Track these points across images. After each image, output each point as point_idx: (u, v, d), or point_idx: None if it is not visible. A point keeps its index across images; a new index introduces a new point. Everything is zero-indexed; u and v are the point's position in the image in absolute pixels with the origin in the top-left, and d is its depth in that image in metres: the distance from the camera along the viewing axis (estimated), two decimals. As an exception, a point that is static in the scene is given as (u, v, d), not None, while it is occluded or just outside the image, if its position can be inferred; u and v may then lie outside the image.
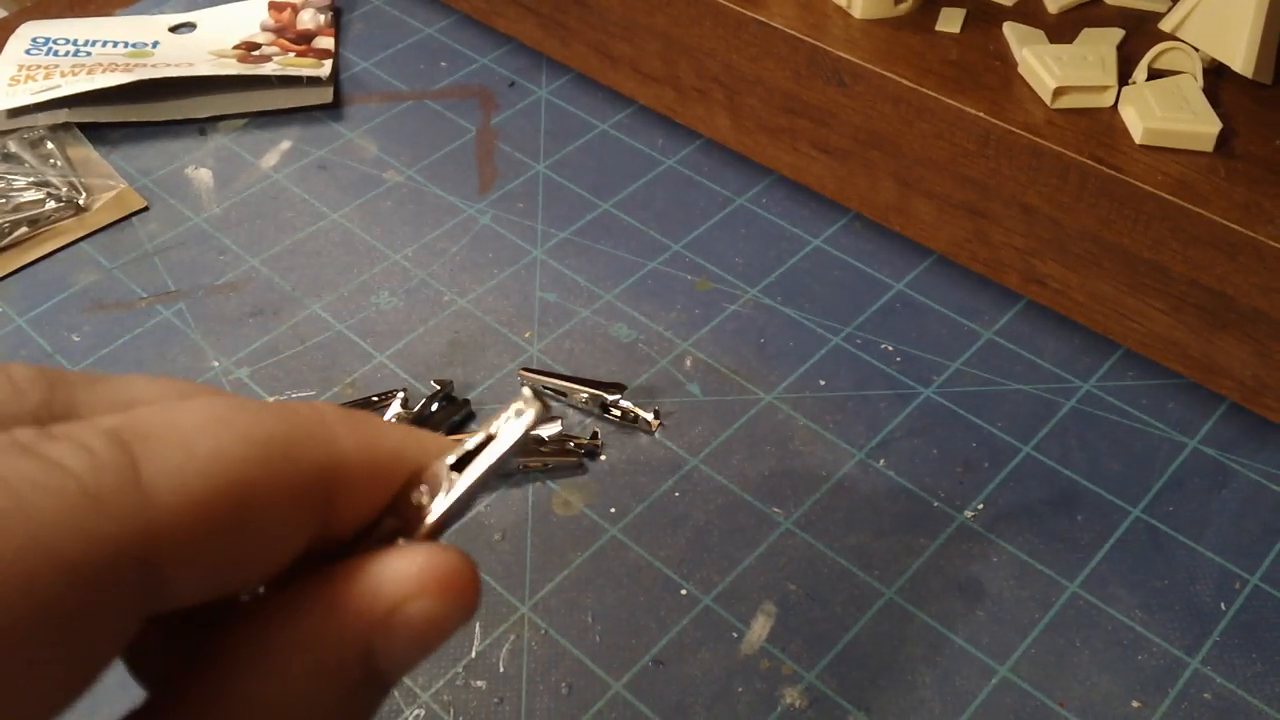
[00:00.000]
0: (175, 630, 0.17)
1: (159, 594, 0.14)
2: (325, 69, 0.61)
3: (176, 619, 0.16)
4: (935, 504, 0.42)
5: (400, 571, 0.17)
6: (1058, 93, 0.42)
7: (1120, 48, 0.44)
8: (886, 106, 0.44)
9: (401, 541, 0.17)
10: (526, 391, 0.18)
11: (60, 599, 0.13)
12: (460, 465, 0.18)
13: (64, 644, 0.13)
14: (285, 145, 0.58)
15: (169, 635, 0.17)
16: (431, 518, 0.17)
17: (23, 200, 0.54)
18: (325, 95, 0.60)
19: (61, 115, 0.58)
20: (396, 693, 0.38)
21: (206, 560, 0.15)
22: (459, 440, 0.18)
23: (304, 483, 0.16)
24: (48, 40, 0.62)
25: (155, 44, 0.63)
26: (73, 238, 0.53)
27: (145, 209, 0.55)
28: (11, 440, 0.14)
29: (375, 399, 0.46)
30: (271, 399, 0.47)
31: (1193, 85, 0.42)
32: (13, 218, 0.54)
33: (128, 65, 0.60)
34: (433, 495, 0.18)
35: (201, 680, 0.16)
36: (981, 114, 0.42)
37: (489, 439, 0.17)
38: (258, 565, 0.16)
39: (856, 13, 0.46)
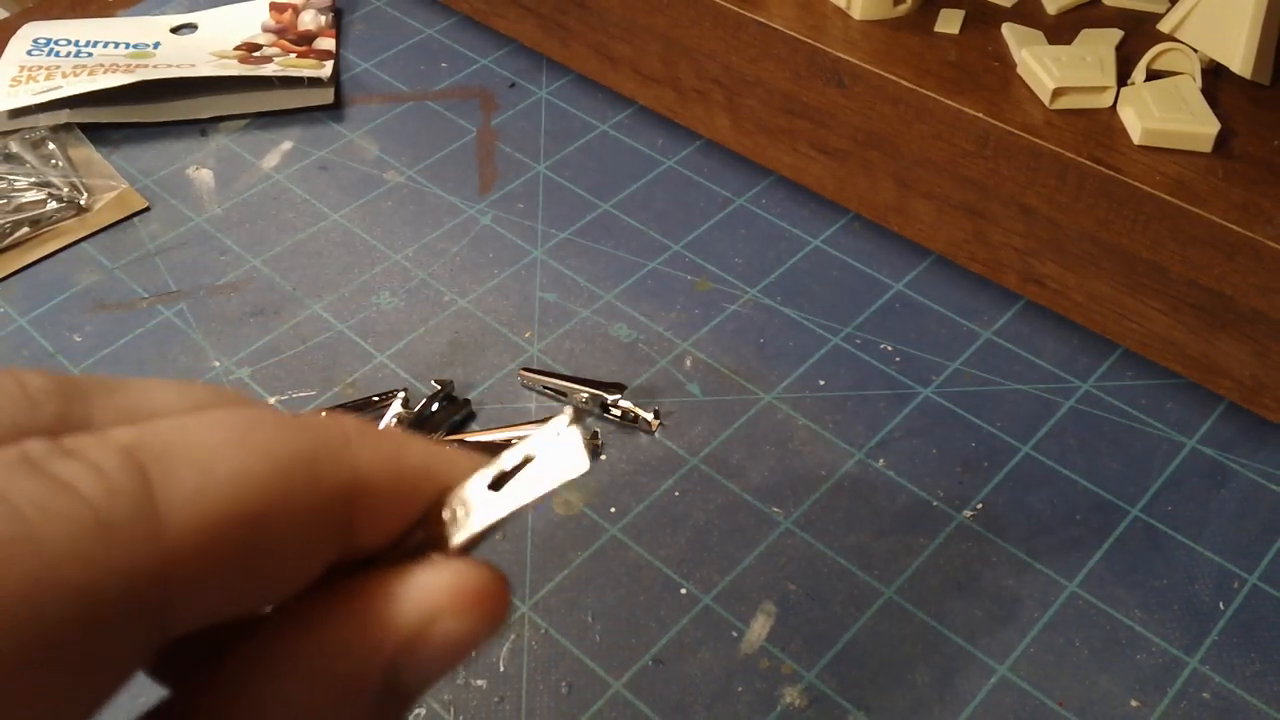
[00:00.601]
0: (194, 633, 0.17)
1: (172, 621, 0.14)
2: (326, 70, 0.61)
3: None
4: (934, 503, 0.43)
5: (431, 587, 0.16)
6: (1056, 93, 0.42)
7: (1119, 48, 0.44)
8: (886, 107, 0.45)
9: (434, 556, 0.17)
10: (568, 412, 0.17)
11: (68, 631, 0.12)
12: (496, 485, 0.17)
13: (71, 675, 0.13)
14: (286, 146, 0.58)
15: (187, 638, 0.17)
16: (460, 537, 0.17)
17: (24, 200, 0.55)
18: (326, 96, 0.60)
19: (63, 116, 0.58)
20: (397, 692, 0.38)
21: (222, 587, 0.14)
22: (486, 446, 0.17)
23: (325, 505, 0.15)
24: (49, 41, 0.63)
25: (157, 45, 0.63)
26: (74, 238, 0.54)
27: (146, 209, 0.55)
28: (22, 455, 0.13)
29: (375, 399, 0.46)
30: (273, 399, 0.47)
31: (1191, 86, 0.42)
32: (14, 218, 0.54)
33: (129, 66, 0.60)
34: (463, 513, 0.17)
35: (219, 686, 0.15)
36: (980, 115, 0.42)
37: (526, 460, 0.17)
38: (276, 588, 0.15)
39: (856, 14, 0.46)
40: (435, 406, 0.45)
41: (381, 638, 0.16)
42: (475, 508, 0.17)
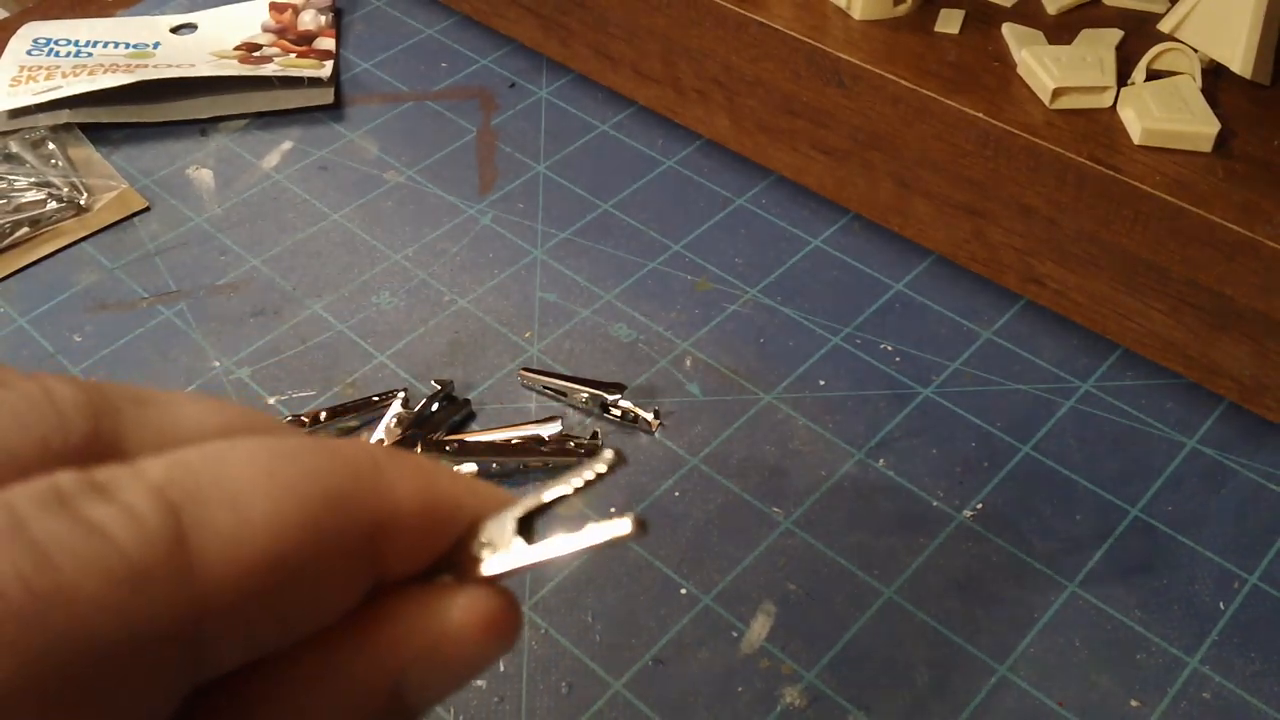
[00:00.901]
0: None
1: (201, 667, 0.14)
2: (326, 70, 0.61)
3: None
4: (934, 503, 0.43)
5: (441, 610, 0.16)
6: (1056, 93, 0.42)
7: (1119, 48, 0.44)
8: (886, 107, 0.45)
9: (450, 579, 0.16)
10: (609, 454, 0.16)
11: (97, 684, 0.12)
12: (528, 520, 0.17)
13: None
14: (286, 146, 0.58)
15: None
16: (487, 572, 0.16)
17: (24, 200, 0.55)
18: (326, 96, 0.60)
19: (63, 116, 0.58)
20: (397, 692, 0.38)
21: (254, 631, 0.14)
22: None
23: (357, 540, 0.15)
24: (49, 41, 0.63)
25: (156, 45, 0.63)
26: (74, 238, 0.54)
27: (146, 209, 0.55)
28: (54, 490, 0.13)
29: (375, 399, 0.46)
30: (272, 399, 0.47)
31: (1191, 86, 0.42)
32: (14, 218, 0.54)
33: (129, 66, 0.60)
34: (492, 548, 0.17)
35: (219, 703, 0.15)
36: (980, 115, 0.42)
37: (562, 497, 0.17)
38: (306, 626, 0.15)
39: (856, 14, 0.46)
40: (435, 406, 0.45)
41: (389, 659, 0.16)
42: (505, 550, 0.16)
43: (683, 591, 0.40)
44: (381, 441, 0.44)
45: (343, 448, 0.16)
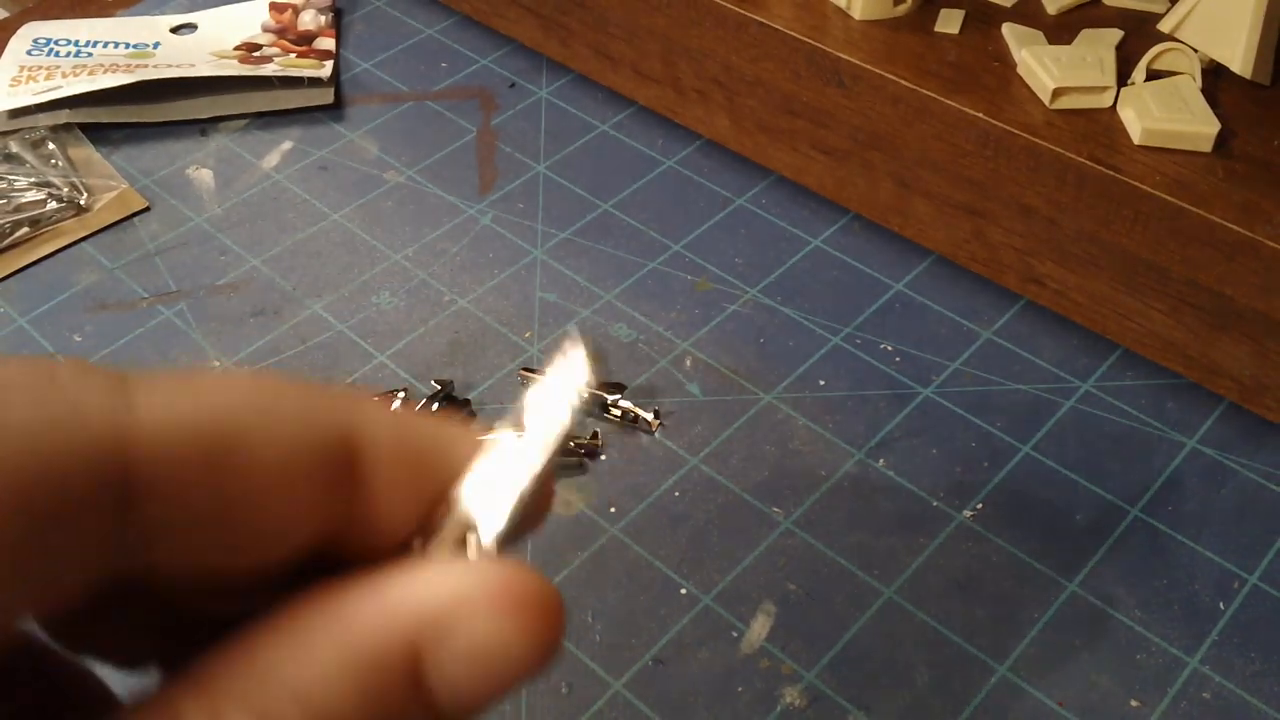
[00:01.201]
0: (187, 637, 0.16)
1: (138, 537, 0.13)
2: (326, 70, 0.61)
3: (188, 623, 0.16)
4: (934, 503, 0.43)
5: (463, 577, 0.14)
6: (1056, 93, 0.42)
7: (1119, 48, 0.44)
8: (886, 107, 0.45)
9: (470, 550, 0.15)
10: (581, 352, 0.15)
11: (25, 499, 0.12)
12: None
13: (22, 554, 0.12)
14: (286, 146, 0.58)
15: (181, 642, 0.16)
16: (484, 535, 0.15)
17: (24, 200, 0.54)
18: (326, 96, 0.60)
19: (63, 116, 0.58)
20: (397, 692, 0.38)
21: (188, 501, 0.13)
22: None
23: (319, 447, 0.14)
24: (49, 41, 0.63)
25: (156, 45, 0.63)
26: (74, 238, 0.54)
27: (146, 209, 0.55)
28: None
29: (375, 399, 0.46)
30: (272, 399, 0.47)
31: (1191, 86, 0.42)
32: (14, 218, 0.54)
33: (129, 66, 0.60)
34: (481, 508, 0.15)
35: (218, 664, 0.14)
36: (980, 115, 0.42)
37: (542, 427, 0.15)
38: (258, 540, 0.14)
39: (856, 14, 0.46)
40: (435, 406, 0.45)
41: (402, 616, 0.14)
42: (498, 490, 0.15)
43: (683, 591, 0.40)
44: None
45: (326, 384, 0.15)
